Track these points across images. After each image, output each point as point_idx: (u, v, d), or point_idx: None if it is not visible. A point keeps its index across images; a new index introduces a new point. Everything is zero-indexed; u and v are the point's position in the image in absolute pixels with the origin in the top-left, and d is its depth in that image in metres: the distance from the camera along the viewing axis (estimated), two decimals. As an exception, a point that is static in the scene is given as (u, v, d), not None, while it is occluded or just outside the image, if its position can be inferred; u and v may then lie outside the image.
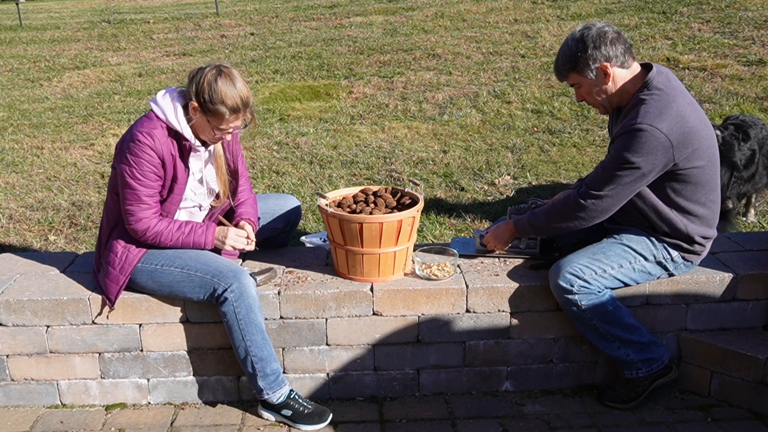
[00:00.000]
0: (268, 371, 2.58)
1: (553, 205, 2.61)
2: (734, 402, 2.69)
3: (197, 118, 2.48)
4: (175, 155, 2.51)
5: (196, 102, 2.45)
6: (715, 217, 2.61)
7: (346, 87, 7.81)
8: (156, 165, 2.47)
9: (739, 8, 9.24)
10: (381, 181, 5.07)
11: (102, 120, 7.23)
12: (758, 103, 6.17)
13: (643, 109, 2.39)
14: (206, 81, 2.42)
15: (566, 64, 2.51)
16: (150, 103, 2.53)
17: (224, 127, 2.49)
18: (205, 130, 2.52)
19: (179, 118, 2.49)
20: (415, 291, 2.66)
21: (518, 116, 6.39)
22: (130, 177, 2.47)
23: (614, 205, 2.48)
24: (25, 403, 2.79)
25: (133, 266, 2.58)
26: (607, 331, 2.59)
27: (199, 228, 2.61)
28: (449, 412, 2.71)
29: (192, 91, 2.46)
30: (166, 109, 2.48)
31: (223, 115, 2.45)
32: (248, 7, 14.22)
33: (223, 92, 2.42)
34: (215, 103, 2.43)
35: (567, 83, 2.60)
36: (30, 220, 4.64)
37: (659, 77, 2.46)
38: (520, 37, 9.32)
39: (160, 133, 2.47)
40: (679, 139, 2.37)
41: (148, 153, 2.45)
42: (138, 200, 2.50)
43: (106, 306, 2.64)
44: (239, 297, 2.49)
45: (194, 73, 2.48)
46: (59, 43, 12.11)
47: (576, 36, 2.48)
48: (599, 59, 2.45)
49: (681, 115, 2.39)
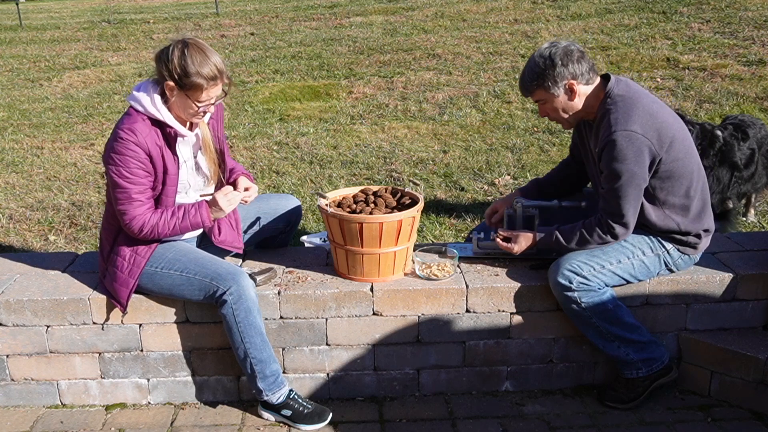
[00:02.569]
0: (268, 373, 2.57)
1: (582, 235, 2.57)
2: (734, 402, 2.69)
3: (175, 97, 2.44)
4: (162, 145, 2.47)
5: (171, 81, 2.39)
6: (704, 209, 2.62)
7: (346, 87, 7.81)
8: (143, 160, 2.43)
9: (739, 8, 9.24)
10: (381, 181, 5.07)
11: (102, 120, 7.23)
12: (758, 103, 6.17)
13: (612, 119, 2.44)
14: (176, 56, 2.37)
15: (533, 80, 2.52)
16: (128, 99, 2.49)
17: (204, 98, 2.43)
18: (187, 107, 2.46)
19: (158, 106, 2.44)
20: (415, 291, 2.66)
21: (518, 116, 6.39)
22: (118, 176, 2.43)
23: (634, 216, 2.52)
24: (25, 403, 2.79)
25: (141, 268, 2.56)
26: (607, 330, 2.59)
27: (191, 209, 2.55)
28: (449, 412, 2.71)
29: (164, 72, 2.40)
30: (143, 100, 2.44)
31: (201, 86, 2.39)
32: (248, 7, 14.22)
33: (196, 62, 2.37)
34: (191, 75, 2.37)
35: (532, 99, 2.62)
36: (30, 220, 4.64)
37: (618, 86, 2.52)
38: (520, 37, 9.32)
39: (142, 126, 2.43)
40: (654, 135, 2.42)
41: (133, 149, 2.41)
42: (129, 198, 2.46)
43: (115, 309, 2.63)
44: (238, 299, 2.49)
45: (160, 54, 2.42)
46: (59, 43, 12.10)
47: (544, 54, 2.50)
48: (567, 77, 2.49)
49: (648, 113, 2.45)
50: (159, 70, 2.44)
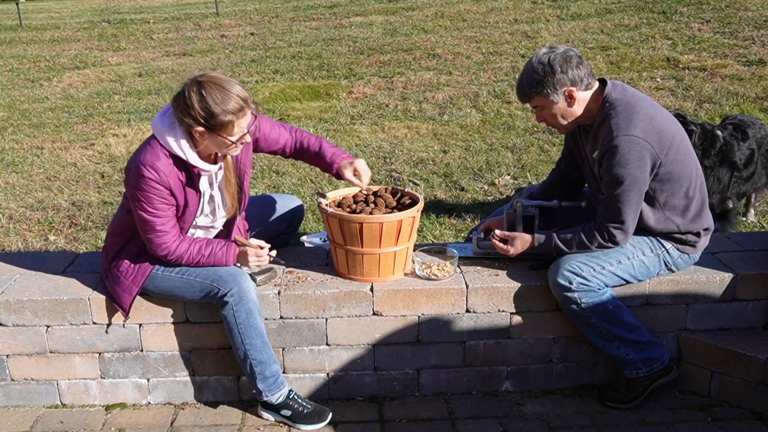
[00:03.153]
0: (268, 374, 2.58)
1: (581, 240, 2.56)
2: (734, 402, 2.69)
3: (207, 140, 2.37)
4: (184, 182, 2.44)
5: (199, 126, 2.31)
6: (703, 208, 2.62)
7: (346, 87, 7.81)
8: (165, 196, 2.40)
9: (739, 8, 9.24)
10: (381, 181, 5.06)
11: (102, 120, 7.23)
12: (758, 103, 6.17)
13: (613, 124, 2.43)
14: (196, 101, 2.28)
15: (532, 87, 2.48)
16: (152, 126, 2.42)
17: (237, 131, 2.36)
18: (222, 146, 2.39)
19: (183, 147, 2.36)
20: (415, 291, 2.66)
21: (518, 116, 6.39)
22: (142, 210, 2.41)
23: (634, 221, 2.51)
24: (25, 403, 2.79)
25: (146, 276, 2.56)
26: (607, 330, 2.59)
27: (218, 249, 2.54)
28: (449, 412, 2.71)
29: (189, 120, 2.31)
30: (170, 142, 2.36)
31: (231, 122, 2.31)
32: (248, 7, 14.22)
33: (219, 101, 2.28)
34: (217, 116, 2.28)
35: (529, 105, 2.59)
36: (30, 220, 4.64)
37: (615, 90, 2.50)
38: (520, 37, 9.32)
39: (165, 163, 2.37)
40: (655, 139, 2.42)
41: (155, 187, 2.37)
42: (153, 230, 2.45)
43: (117, 313, 2.63)
44: (239, 301, 2.49)
45: (177, 103, 2.33)
46: (59, 43, 12.10)
47: (543, 60, 2.46)
48: (566, 83, 2.46)
49: (648, 117, 2.44)
50: (181, 119, 2.33)
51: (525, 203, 2.78)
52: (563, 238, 2.60)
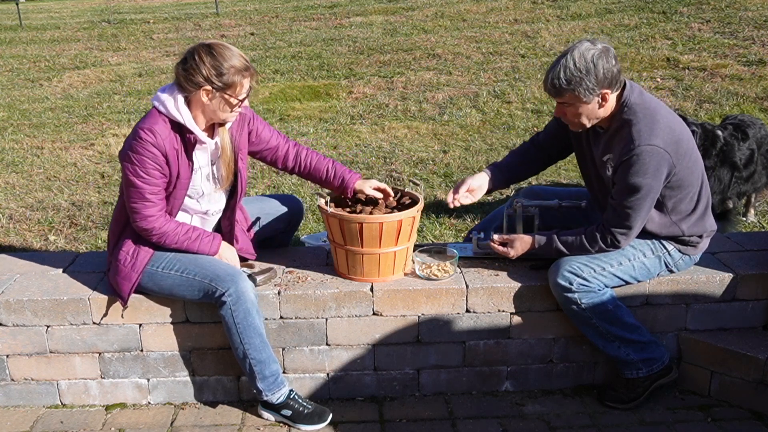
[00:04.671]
0: (267, 373, 2.58)
1: (582, 243, 2.55)
2: (734, 402, 2.69)
3: (214, 101, 2.43)
4: (179, 149, 2.47)
5: (208, 85, 2.39)
6: (706, 210, 2.62)
7: (346, 87, 7.82)
8: (160, 162, 2.43)
9: (739, 8, 9.24)
10: (381, 181, 5.05)
11: (102, 120, 7.23)
12: (758, 103, 6.17)
13: (635, 131, 2.38)
14: (206, 60, 2.38)
15: (569, 83, 2.35)
16: (152, 100, 2.50)
17: (240, 92, 2.44)
18: (225, 108, 2.46)
19: (180, 109, 2.43)
20: (415, 291, 2.66)
21: (518, 116, 6.39)
22: (134, 175, 2.44)
23: (640, 227, 2.51)
24: (25, 403, 2.79)
25: (145, 263, 2.56)
26: (607, 330, 2.59)
27: (206, 237, 2.59)
28: (449, 412, 2.71)
29: (198, 79, 2.38)
30: (167, 102, 2.44)
31: (237, 81, 2.40)
32: (248, 7, 14.21)
33: (227, 58, 2.38)
34: (225, 73, 2.38)
35: (556, 99, 2.47)
36: (30, 220, 4.64)
37: (633, 93, 2.44)
38: (520, 37, 9.32)
39: (162, 127, 2.43)
40: (674, 148, 2.40)
41: (150, 150, 2.41)
42: (142, 198, 2.47)
43: (116, 304, 2.63)
44: (237, 301, 2.49)
45: (185, 65, 2.41)
46: (59, 43, 12.10)
47: (586, 55, 2.33)
48: (604, 85, 2.36)
49: (668, 126, 2.41)
50: (189, 79, 2.40)
51: (525, 203, 2.78)
52: (564, 240, 2.59)
